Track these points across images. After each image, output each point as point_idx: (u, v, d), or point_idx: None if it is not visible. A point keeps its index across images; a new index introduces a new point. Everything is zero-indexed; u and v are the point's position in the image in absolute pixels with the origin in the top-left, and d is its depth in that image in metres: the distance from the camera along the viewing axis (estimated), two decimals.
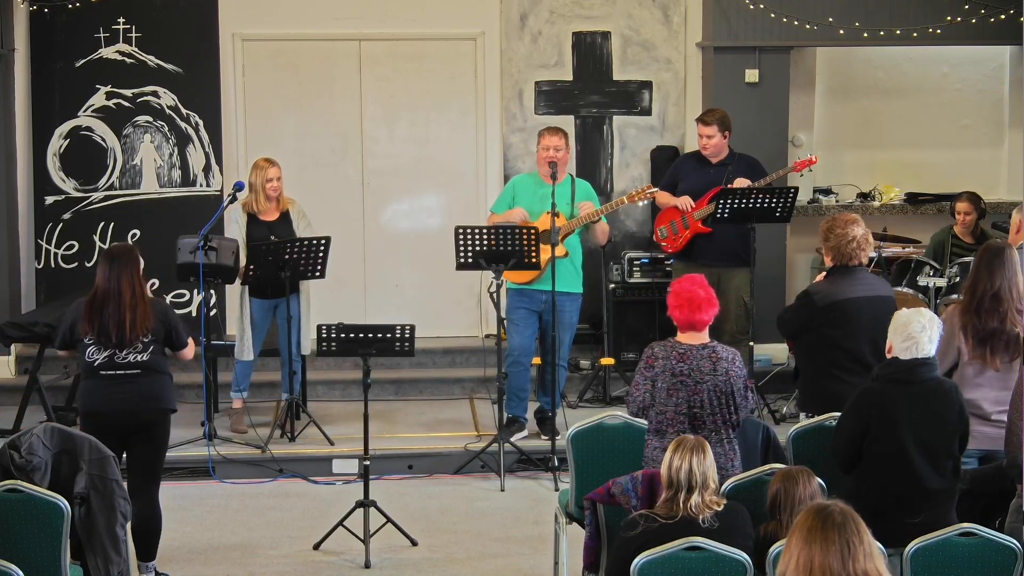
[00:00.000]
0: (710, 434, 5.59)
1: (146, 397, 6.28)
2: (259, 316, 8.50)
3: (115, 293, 6.19)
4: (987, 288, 6.05)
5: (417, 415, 9.22)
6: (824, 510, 3.62)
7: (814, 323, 6.60)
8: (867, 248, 6.66)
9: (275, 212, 8.53)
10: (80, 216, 9.91)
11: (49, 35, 9.79)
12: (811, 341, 6.67)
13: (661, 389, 5.67)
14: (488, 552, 6.99)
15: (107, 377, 6.26)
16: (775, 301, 9.90)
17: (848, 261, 6.59)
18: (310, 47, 10.17)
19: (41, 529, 5.24)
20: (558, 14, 10.22)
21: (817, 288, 6.72)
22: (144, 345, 6.27)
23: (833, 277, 6.67)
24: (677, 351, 5.69)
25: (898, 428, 5.28)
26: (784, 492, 4.93)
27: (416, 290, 10.29)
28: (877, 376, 5.46)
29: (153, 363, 6.31)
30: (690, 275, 5.88)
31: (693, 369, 5.64)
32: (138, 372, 6.26)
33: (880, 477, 5.31)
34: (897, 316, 5.47)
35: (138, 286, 6.24)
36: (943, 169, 10.52)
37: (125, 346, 6.23)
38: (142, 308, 6.22)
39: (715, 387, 5.64)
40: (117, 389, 6.24)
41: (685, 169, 9.04)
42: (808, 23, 9.69)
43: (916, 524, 5.10)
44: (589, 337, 9.93)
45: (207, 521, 7.46)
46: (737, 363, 5.73)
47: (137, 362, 6.26)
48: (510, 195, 8.58)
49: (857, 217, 6.73)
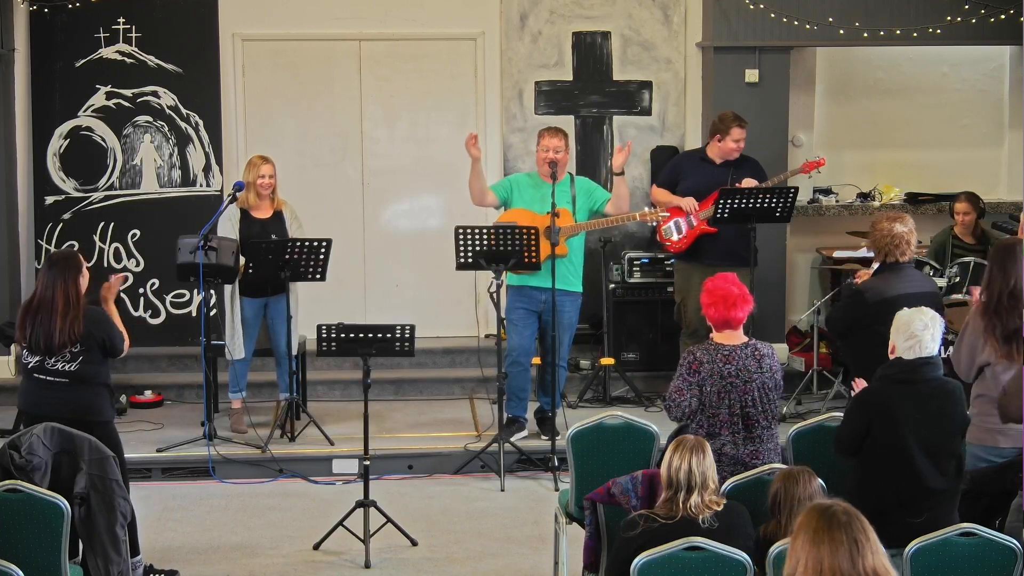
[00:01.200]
0: (763, 431, 5.65)
1: (75, 408, 6.25)
2: (250, 314, 8.50)
3: (48, 301, 6.20)
4: (1003, 287, 6.01)
5: (417, 415, 9.22)
6: (828, 510, 3.61)
7: (865, 320, 6.62)
8: (910, 246, 6.73)
9: (268, 210, 8.53)
10: (80, 216, 9.91)
11: (49, 35, 9.79)
12: (862, 338, 6.68)
13: (711, 393, 5.69)
14: (488, 552, 6.99)
15: (38, 381, 6.29)
16: (775, 301, 9.91)
17: (891, 258, 6.64)
18: (310, 47, 10.17)
19: (41, 529, 5.23)
20: (558, 14, 10.22)
21: (868, 285, 6.77)
22: (73, 355, 6.25)
23: (883, 274, 6.72)
24: (722, 353, 5.73)
25: (900, 428, 5.28)
26: (784, 492, 4.93)
27: (416, 290, 10.29)
28: (881, 376, 5.46)
29: (82, 373, 6.28)
30: (723, 273, 5.96)
31: (740, 369, 5.70)
32: (66, 381, 6.26)
33: (882, 477, 5.31)
34: (899, 316, 5.48)
35: (73, 295, 6.21)
36: (943, 169, 10.52)
37: (53, 354, 6.23)
38: (72, 317, 6.19)
39: (763, 384, 5.72)
40: (46, 394, 6.27)
41: (687, 168, 9.01)
42: (808, 23, 9.69)
43: (918, 524, 5.09)
44: (589, 337, 9.93)
45: (207, 521, 7.46)
46: (776, 358, 5.84)
47: (65, 371, 6.25)
48: (508, 185, 8.57)
49: (903, 215, 6.83)
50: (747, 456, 5.67)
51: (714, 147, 8.88)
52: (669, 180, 9.02)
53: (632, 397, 9.33)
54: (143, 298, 9.94)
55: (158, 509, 7.61)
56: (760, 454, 5.69)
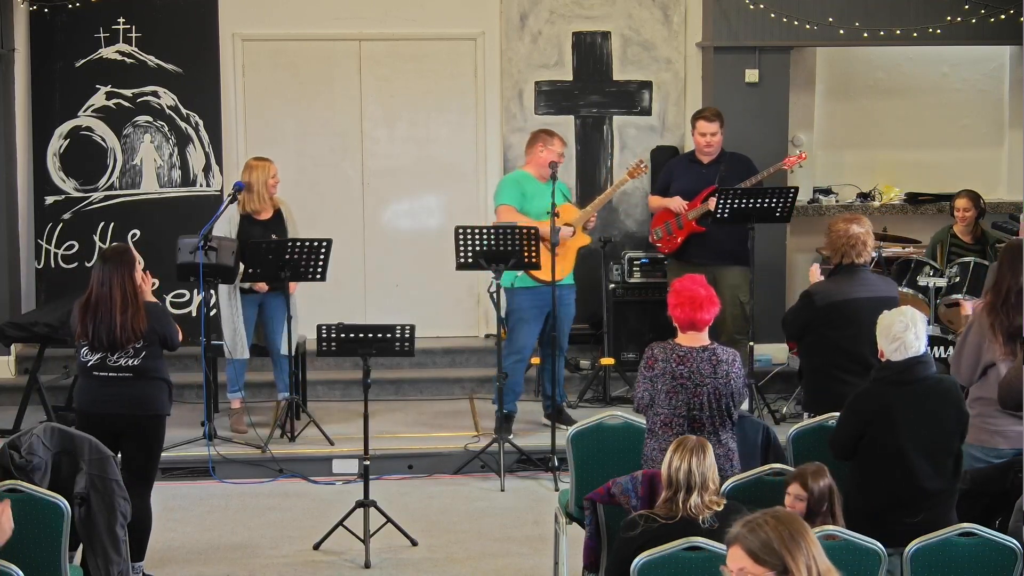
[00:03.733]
0: (709, 436, 5.59)
1: (136, 402, 6.26)
2: (247, 313, 8.50)
3: (106, 297, 6.16)
4: (1012, 285, 6.01)
5: (417, 415, 9.22)
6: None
7: (814, 324, 6.59)
8: (866, 247, 6.64)
9: (270, 211, 8.53)
10: (80, 216, 9.91)
11: (49, 35, 9.79)
12: (812, 342, 6.66)
13: (661, 391, 5.66)
14: (488, 552, 6.99)
15: (99, 378, 6.26)
16: (775, 301, 9.91)
17: (844, 259, 6.59)
18: (310, 47, 10.17)
19: (41, 529, 5.23)
20: (558, 14, 10.21)
21: (817, 288, 6.71)
22: (136, 350, 6.24)
23: (835, 277, 6.65)
24: (677, 353, 5.67)
25: (897, 429, 5.28)
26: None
27: (416, 290, 10.29)
28: (874, 379, 5.45)
29: (145, 367, 6.28)
30: (691, 274, 5.87)
31: (693, 372, 5.63)
32: (130, 376, 6.26)
33: (880, 478, 5.31)
34: (880, 320, 5.45)
35: (130, 289, 6.18)
36: (943, 169, 10.52)
37: (116, 349, 6.22)
38: (133, 312, 6.17)
39: (715, 389, 5.63)
40: (108, 391, 6.24)
41: (677, 170, 9.09)
42: (808, 23, 9.69)
43: (916, 524, 5.09)
44: (589, 337, 9.93)
45: (207, 521, 7.46)
46: (737, 364, 5.72)
47: (129, 366, 6.24)
48: (518, 190, 8.59)
49: (860, 216, 6.74)
50: None
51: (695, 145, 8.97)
52: (663, 185, 9.12)
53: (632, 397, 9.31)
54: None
55: (158, 509, 7.55)
56: None
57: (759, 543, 3.18)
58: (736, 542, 3.21)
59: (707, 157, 8.92)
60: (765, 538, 3.18)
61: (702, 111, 9.05)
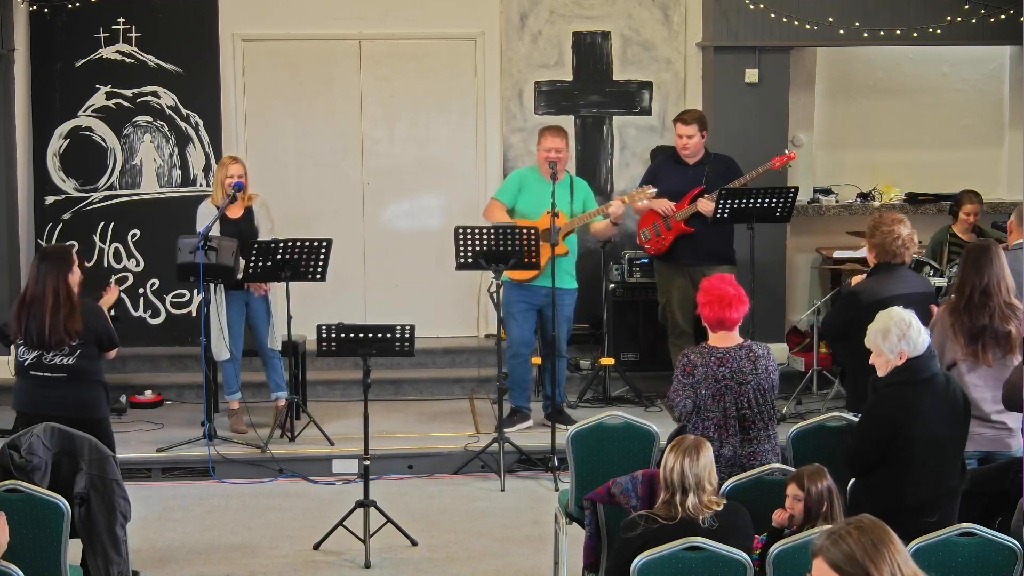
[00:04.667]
0: (759, 432, 5.64)
1: (72, 405, 6.30)
2: (234, 314, 8.47)
3: (40, 296, 6.23)
4: (976, 285, 6.07)
5: (417, 415, 9.22)
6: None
7: (861, 322, 6.60)
8: (912, 247, 6.70)
9: (239, 209, 8.52)
10: (80, 216, 9.91)
11: (49, 35, 9.79)
12: (858, 342, 6.64)
13: (705, 396, 5.67)
14: (488, 552, 6.99)
15: (35, 378, 6.33)
16: (775, 301, 9.91)
17: (892, 259, 6.62)
18: (310, 47, 10.17)
19: (41, 529, 5.23)
20: (558, 14, 10.21)
21: (862, 287, 6.72)
22: (72, 348, 6.28)
23: (877, 276, 6.67)
24: (716, 356, 5.69)
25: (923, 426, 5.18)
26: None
27: (416, 290, 10.29)
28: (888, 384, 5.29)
29: (80, 368, 6.32)
30: (720, 274, 5.96)
31: (735, 371, 5.67)
32: (64, 376, 6.29)
33: (902, 478, 5.21)
34: (873, 328, 5.34)
35: (63, 290, 6.24)
36: (943, 169, 10.52)
37: (50, 349, 6.25)
38: (66, 313, 6.22)
39: (758, 385, 5.68)
40: (44, 392, 6.31)
41: (663, 171, 9.07)
42: (808, 23, 9.69)
43: (932, 523, 5.02)
44: (589, 337, 9.93)
45: (207, 521, 7.46)
46: (772, 358, 5.80)
47: (64, 365, 6.29)
48: (516, 186, 8.62)
49: (903, 217, 6.78)
50: (745, 458, 5.65)
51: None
52: (648, 184, 9.08)
53: (632, 397, 9.33)
54: (143, 298, 9.94)
55: (158, 509, 7.61)
56: (758, 455, 5.67)
57: (842, 555, 3.15)
58: (820, 554, 3.18)
59: (691, 159, 8.92)
60: (848, 550, 3.15)
61: (681, 114, 9.07)
